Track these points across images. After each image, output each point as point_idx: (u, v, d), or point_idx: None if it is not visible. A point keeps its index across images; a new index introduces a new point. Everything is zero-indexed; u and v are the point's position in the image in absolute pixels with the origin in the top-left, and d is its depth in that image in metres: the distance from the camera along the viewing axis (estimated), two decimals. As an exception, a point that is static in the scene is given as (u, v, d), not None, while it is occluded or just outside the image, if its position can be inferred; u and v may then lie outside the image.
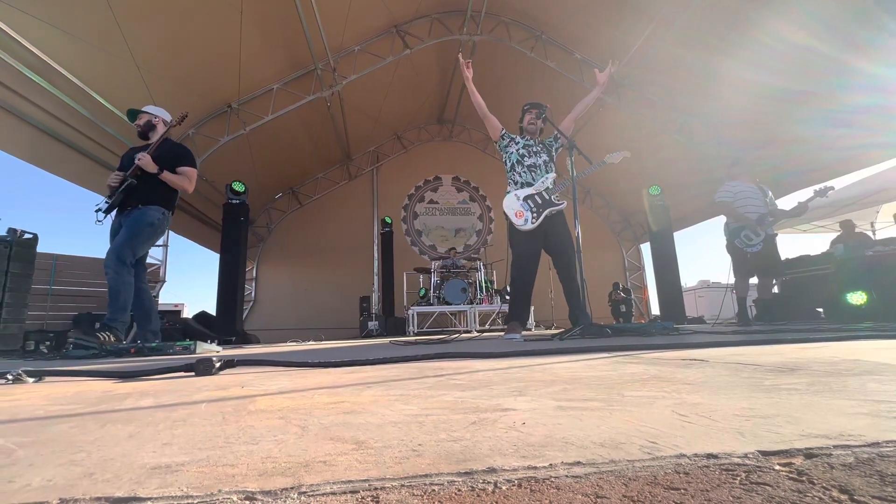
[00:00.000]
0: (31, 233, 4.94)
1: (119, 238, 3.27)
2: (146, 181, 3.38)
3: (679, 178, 8.86)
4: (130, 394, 1.11)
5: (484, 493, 0.39)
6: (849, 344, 1.80)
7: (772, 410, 0.66)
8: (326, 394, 1.00)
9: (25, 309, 4.98)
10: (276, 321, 10.52)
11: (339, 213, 11.49)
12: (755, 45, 6.05)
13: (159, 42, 5.79)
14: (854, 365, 1.14)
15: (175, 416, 0.79)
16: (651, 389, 0.89)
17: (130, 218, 3.33)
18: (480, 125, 12.03)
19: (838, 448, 0.47)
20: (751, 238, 4.49)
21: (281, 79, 7.63)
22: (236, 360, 1.72)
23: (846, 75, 5.69)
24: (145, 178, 3.37)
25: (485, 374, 1.24)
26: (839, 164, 6.88)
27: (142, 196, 3.38)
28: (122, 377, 1.45)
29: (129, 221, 3.32)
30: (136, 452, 0.55)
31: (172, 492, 0.41)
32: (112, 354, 2.79)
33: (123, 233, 3.28)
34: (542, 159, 3.70)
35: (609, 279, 11.66)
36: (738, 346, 1.84)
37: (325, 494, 0.40)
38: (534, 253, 3.59)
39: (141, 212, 3.36)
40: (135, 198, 3.38)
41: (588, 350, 1.90)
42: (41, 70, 5.01)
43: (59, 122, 5.50)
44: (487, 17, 8.20)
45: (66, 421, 0.78)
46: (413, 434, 0.59)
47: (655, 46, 7.08)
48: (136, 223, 3.32)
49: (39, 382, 1.44)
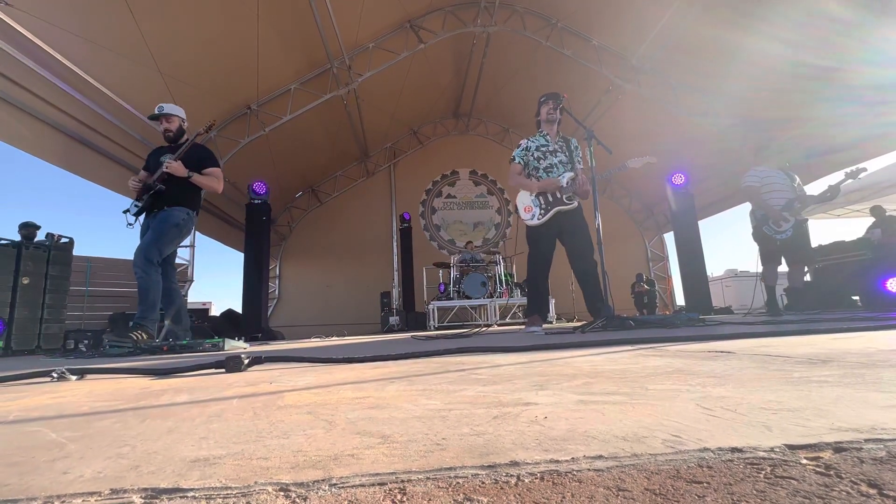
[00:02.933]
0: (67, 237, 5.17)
1: (146, 238, 3.39)
2: (172, 184, 3.48)
3: (704, 164, 8.61)
4: (166, 390, 1.16)
5: (507, 485, 0.40)
6: (886, 333, 1.73)
7: (800, 403, 0.65)
8: (351, 389, 1.02)
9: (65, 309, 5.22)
10: (300, 317, 10.74)
11: (357, 210, 11.62)
12: (779, 18, 5.79)
13: (180, 48, 5.94)
14: (890, 356, 1.10)
15: (209, 411, 0.82)
16: (675, 383, 0.88)
17: (157, 219, 3.46)
18: (497, 118, 11.98)
19: (869, 442, 0.46)
20: (780, 224, 4.32)
21: (298, 79, 7.74)
22: (264, 357, 1.78)
23: (875, 46, 5.38)
24: (171, 180, 3.47)
25: (506, 369, 1.25)
26: (872, 143, 6.54)
27: (168, 198, 3.49)
28: (157, 374, 1.52)
29: (156, 222, 3.45)
30: (176, 446, 0.58)
31: (212, 483, 0.43)
32: (146, 352, 2.91)
33: (150, 233, 3.41)
34: (559, 159, 3.63)
35: (632, 270, 11.46)
36: (767, 338, 1.80)
37: (355, 486, 0.41)
38: (548, 247, 3.58)
39: (167, 213, 3.48)
40: (162, 201, 3.50)
41: (610, 343, 1.88)
42: (69, 79, 5.22)
43: (89, 129, 5.73)
44: (501, 7, 8.10)
45: (109, 416, 0.82)
46: (437, 428, 0.61)
47: (677, 26, 6.86)
48: (163, 224, 3.44)
49: (81, 380, 1.52)
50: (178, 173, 3.42)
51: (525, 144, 3.78)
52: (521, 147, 3.79)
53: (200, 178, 3.54)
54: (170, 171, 3.38)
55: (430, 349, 1.91)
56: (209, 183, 3.60)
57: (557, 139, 3.72)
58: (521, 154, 3.76)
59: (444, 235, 11.86)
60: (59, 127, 5.35)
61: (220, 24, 5.98)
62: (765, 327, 2.38)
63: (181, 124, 3.71)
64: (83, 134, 5.67)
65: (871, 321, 2.36)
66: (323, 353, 2.03)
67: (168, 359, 2.48)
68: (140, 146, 6.41)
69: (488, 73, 9.80)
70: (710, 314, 6.39)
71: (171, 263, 3.71)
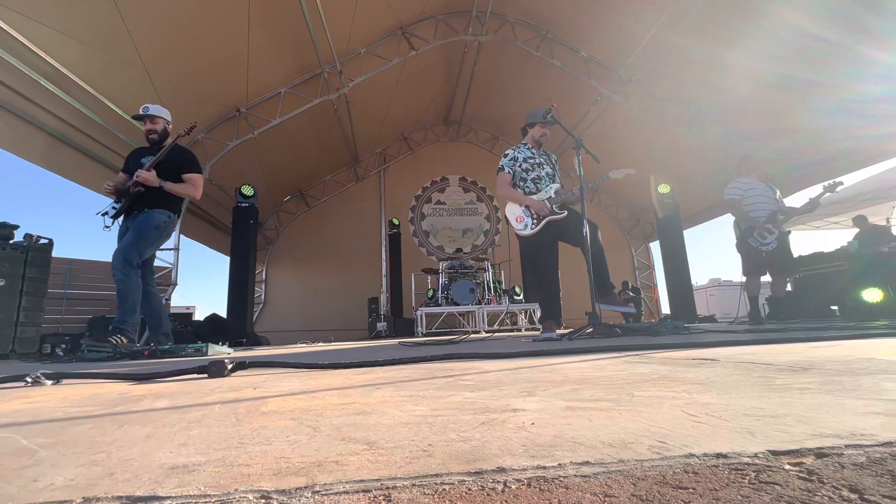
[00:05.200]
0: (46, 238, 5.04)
1: (125, 240, 3.31)
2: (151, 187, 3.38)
3: (689, 175, 8.77)
4: (146, 396, 1.13)
5: (494, 492, 0.40)
6: (863, 342, 1.77)
7: (783, 410, 0.66)
8: (337, 395, 1.01)
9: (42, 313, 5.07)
10: (286, 323, 10.60)
11: (347, 215, 11.55)
12: (765, 34, 5.96)
13: (168, 48, 5.87)
14: (868, 364, 1.13)
15: (190, 417, 0.80)
16: (661, 389, 0.89)
17: (137, 221, 3.37)
18: (487, 125, 12.06)
19: (850, 448, 0.47)
20: (765, 236, 4.44)
21: (288, 82, 7.70)
22: (248, 362, 1.74)
23: (858, 64, 5.57)
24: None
25: (494, 375, 1.25)
26: (854, 155, 6.74)
27: (148, 200, 3.40)
28: (136, 379, 1.48)
29: (136, 224, 3.36)
30: (154, 453, 0.56)
31: (190, 491, 0.42)
32: (126, 357, 2.84)
33: (130, 235, 3.32)
34: (546, 171, 3.69)
35: (618, 278, 11.56)
36: (750, 346, 1.82)
37: (339, 493, 0.41)
38: (550, 253, 3.59)
39: (147, 215, 3.39)
40: (141, 202, 3.41)
41: (597, 350, 1.89)
42: (53, 77, 5.11)
43: (72, 128, 5.61)
44: (493, 16, 8.20)
45: (85, 422, 0.80)
46: (423, 434, 0.60)
47: (664, 40, 7.01)
48: (143, 226, 3.35)
49: (57, 385, 1.47)
50: (150, 184, 3.31)
51: (512, 154, 3.78)
52: (509, 157, 3.79)
53: (174, 187, 3.43)
54: (140, 181, 3.28)
55: (417, 355, 1.89)
56: (184, 191, 3.50)
57: (541, 153, 3.79)
58: (510, 164, 3.76)
59: (434, 241, 11.86)
60: (40, 125, 5.23)
61: (210, 24, 5.93)
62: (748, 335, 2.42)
63: (166, 126, 3.60)
64: (65, 133, 5.55)
65: (848, 330, 2.41)
66: (309, 359, 2.00)
67: (149, 364, 2.42)
68: (125, 146, 6.30)
69: (479, 81, 9.88)
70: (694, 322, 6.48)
71: (150, 266, 3.61)
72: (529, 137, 3.81)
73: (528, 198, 3.63)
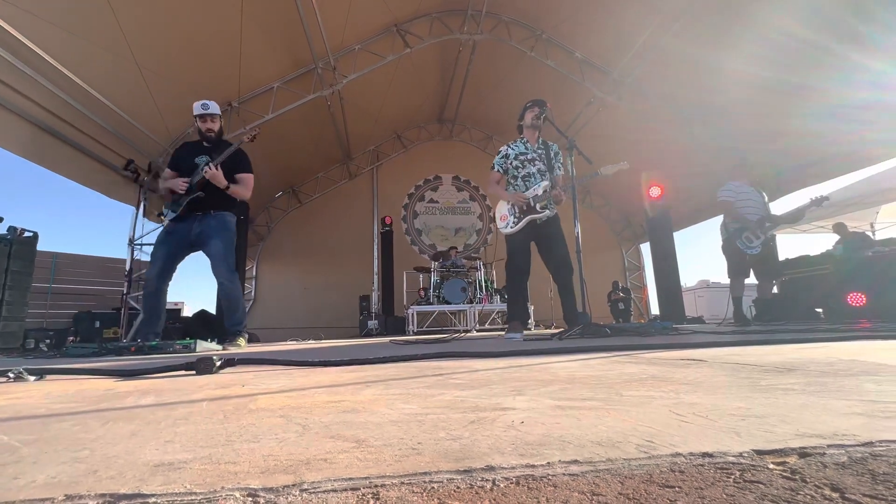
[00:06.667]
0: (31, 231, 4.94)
1: (219, 250, 3.40)
2: (213, 188, 3.41)
3: (681, 176, 8.85)
4: (132, 392, 1.11)
5: (482, 490, 0.40)
6: (847, 344, 1.80)
7: (768, 410, 0.67)
8: (326, 392, 1.00)
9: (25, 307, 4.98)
10: (276, 320, 10.52)
11: (339, 212, 11.49)
12: (757, 38, 6.03)
13: (159, 40, 5.78)
14: (851, 365, 1.15)
15: (176, 414, 0.79)
16: (649, 389, 0.89)
17: (212, 227, 3.43)
18: (480, 124, 12.06)
19: (832, 447, 0.47)
20: (751, 240, 4.53)
21: (281, 77, 7.62)
22: (237, 359, 1.73)
23: (848, 70, 5.66)
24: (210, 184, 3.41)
25: (484, 374, 1.25)
26: (841, 159, 6.83)
27: (213, 202, 3.46)
28: (122, 376, 1.46)
29: (215, 231, 3.43)
30: (139, 450, 0.55)
31: (176, 489, 0.41)
32: (112, 353, 2.80)
33: (219, 245, 3.40)
34: (537, 167, 3.67)
35: (609, 278, 11.67)
36: (737, 347, 1.85)
37: (327, 491, 0.40)
38: (524, 255, 3.61)
39: (221, 219, 3.49)
40: (206, 203, 3.44)
41: (586, 350, 1.91)
42: (39, 67, 5.01)
43: (59, 119, 5.50)
44: (488, 16, 8.19)
45: (69, 419, 0.78)
46: (413, 432, 0.60)
47: (657, 43, 7.06)
48: (223, 232, 3.46)
49: (40, 381, 1.44)
50: (218, 183, 3.37)
51: (504, 152, 3.81)
52: (501, 154, 3.81)
53: (236, 189, 3.52)
54: (209, 178, 3.33)
55: (408, 353, 1.89)
56: (241, 192, 3.57)
57: (537, 146, 3.76)
58: (501, 162, 3.79)
59: (426, 240, 11.84)
60: (26, 115, 5.12)
61: (203, 15, 5.84)
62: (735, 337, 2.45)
63: (221, 125, 3.65)
64: (52, 124, 5.43)
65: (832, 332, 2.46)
66: (299, 356, 1.99)
67: (135, 360, 2.38)
68: (112, 139, 6.20)
69: (473, 81, 9.87)
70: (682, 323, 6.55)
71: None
72: (525, 128, 3.81)
73: (508, 193, 3.65)
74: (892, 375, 0.96)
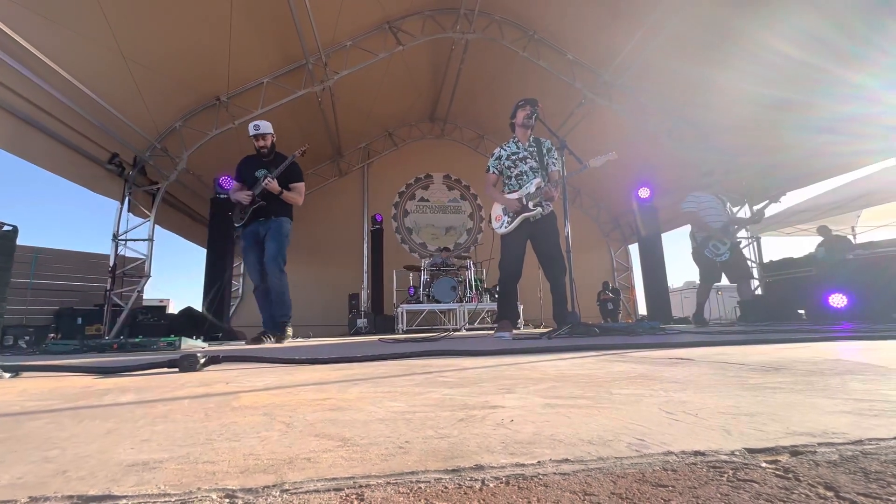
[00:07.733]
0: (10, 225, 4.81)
1: (273, 250, 4.01)
2: (272, 195, 4.07)
3: (670, 179, 8.95)
4: (111, 390, 1.08)
5: (471, 490, 0.39)
6: (829, 344, 1.83)
7: (757, 408, 0.66)
8: (313, 390, 0.98)
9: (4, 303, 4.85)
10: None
11: (328, 210, 11.38)
12: (743, 54, 6.13)
13: (147, 33, 5.66)
14: (835, 364, 1.16)
15: (156, 412, 0.77)
16: (638, 388, 0.89)
17: (271, 230, 4.08)
18: (472, 124, 12.06)
19: (822, 446, 0.47)
20: (719, 248, 4.79)
21: (271, 73, 7.53)
22: (222, 357, 1.69)
23: (831, 85, 5.79)
24: (269, 192, 4.06)
25: (473, 372, 1.24)
26: (824, 170, 7.03)
27: (274, 209, 4.13)
28: (102, 373, 1.42)
29: (272, 234, 4.06)
30: (113, 449, 0.53)
31: (149, 490, 0.39)
32: (94, 350, 2.73)
33: (273, 245, 4.02)
34: (529, 166, 3.69)
35: (598, 279, 11.75)
36: (723, 346, 1.87)
37: (309, 492, 0.39)
38: (517, 255, 3.63)
39: (279, 224, 4.12)
40: (267, 210, 4.11)
41: (576, 349, 1.91)
42: (23, 58, 4.87)
43: (43, 112, 5.36)
44: (480, 15, 8.18)
45: (42, 417, 0.75)
46: (400, 431, 0.59)
47: (645, 52, 7.14)
48: (279, 235, 4.09)
49: (16, 378, 1.40)
50: (275, 191, 4.04)
51: (497, 153, 3.85)
52: (495, 156, 3.86)
53: (289, 195, 4.19)
54: (268, 188, 4.00)
55: (396, 351, 1.87)
56: (294, 198, 4.25)
57: (529, 144, 3.77)
58: (495, 164, 3.83)
59: (416, 238, 11.81)
60: (7, 107, 4.98)
61: (192, 8, 5.73)
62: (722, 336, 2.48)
63: (273, 140, 4.28)
64: (35, 116, 5.29)
65: (815, 333, 2.50)
66: (285, 354, 1.96)
67: (117, 357, 2.33)
68: (98, 132, 6.06)
69: (465, 80, 9.86)
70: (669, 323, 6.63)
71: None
72: (517, 127, 3.83)
73: (505, 198, 3.67)
74: (876, 375, 0.98)
